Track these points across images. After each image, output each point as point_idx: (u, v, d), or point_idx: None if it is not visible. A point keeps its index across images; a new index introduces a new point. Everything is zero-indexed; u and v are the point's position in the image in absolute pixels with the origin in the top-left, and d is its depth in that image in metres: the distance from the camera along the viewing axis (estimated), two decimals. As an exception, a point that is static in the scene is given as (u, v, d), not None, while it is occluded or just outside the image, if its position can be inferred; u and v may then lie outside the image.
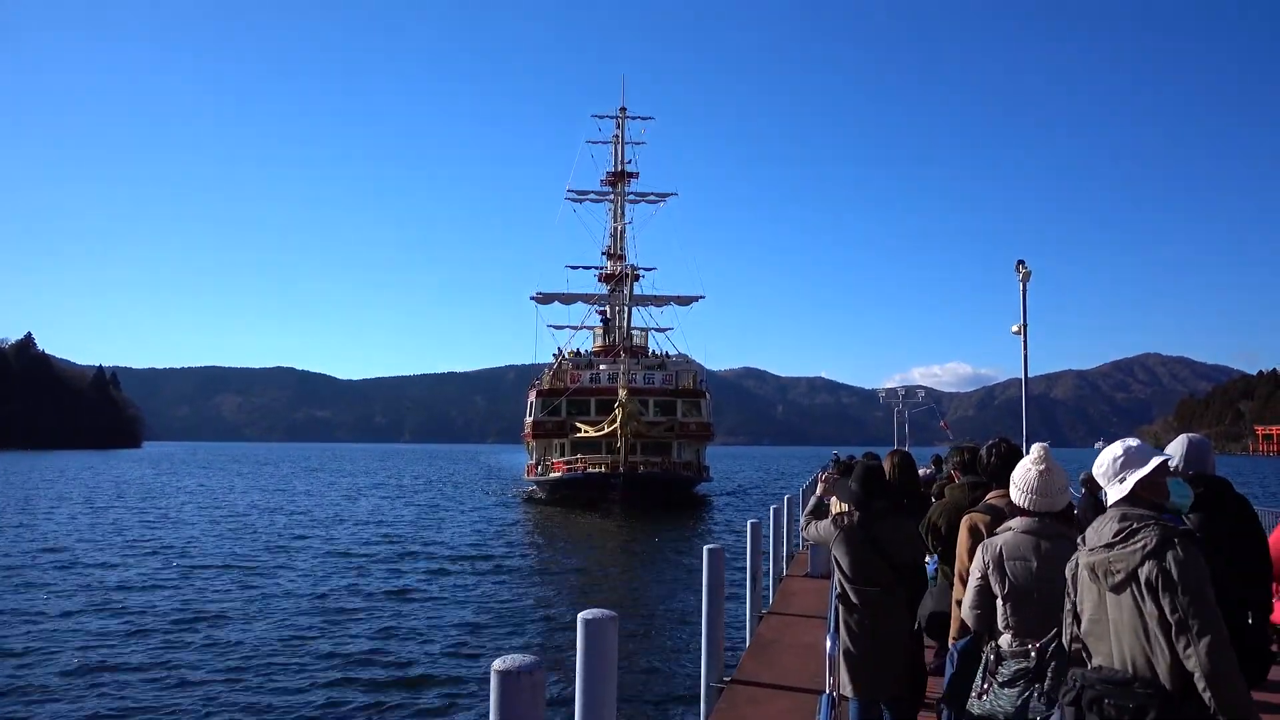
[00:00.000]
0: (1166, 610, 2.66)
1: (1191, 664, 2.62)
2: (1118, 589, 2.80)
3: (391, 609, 17.32)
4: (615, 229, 62.84)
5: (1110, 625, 2.84)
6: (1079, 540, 3.06)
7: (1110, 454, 3.05)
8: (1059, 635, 3.48)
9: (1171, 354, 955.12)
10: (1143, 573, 2.72)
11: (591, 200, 63.25)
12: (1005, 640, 3.67)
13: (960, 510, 5.14)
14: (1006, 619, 3.71)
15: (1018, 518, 3.83)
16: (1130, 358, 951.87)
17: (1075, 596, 3.00)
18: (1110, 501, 3.02)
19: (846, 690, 5.16)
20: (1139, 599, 2.73)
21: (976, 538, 4.69)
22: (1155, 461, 2.98)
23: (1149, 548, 2.73)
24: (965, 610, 3.97)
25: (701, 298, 58.49)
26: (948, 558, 5.37)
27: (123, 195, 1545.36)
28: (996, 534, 3.91)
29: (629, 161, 62.70)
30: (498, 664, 3.03)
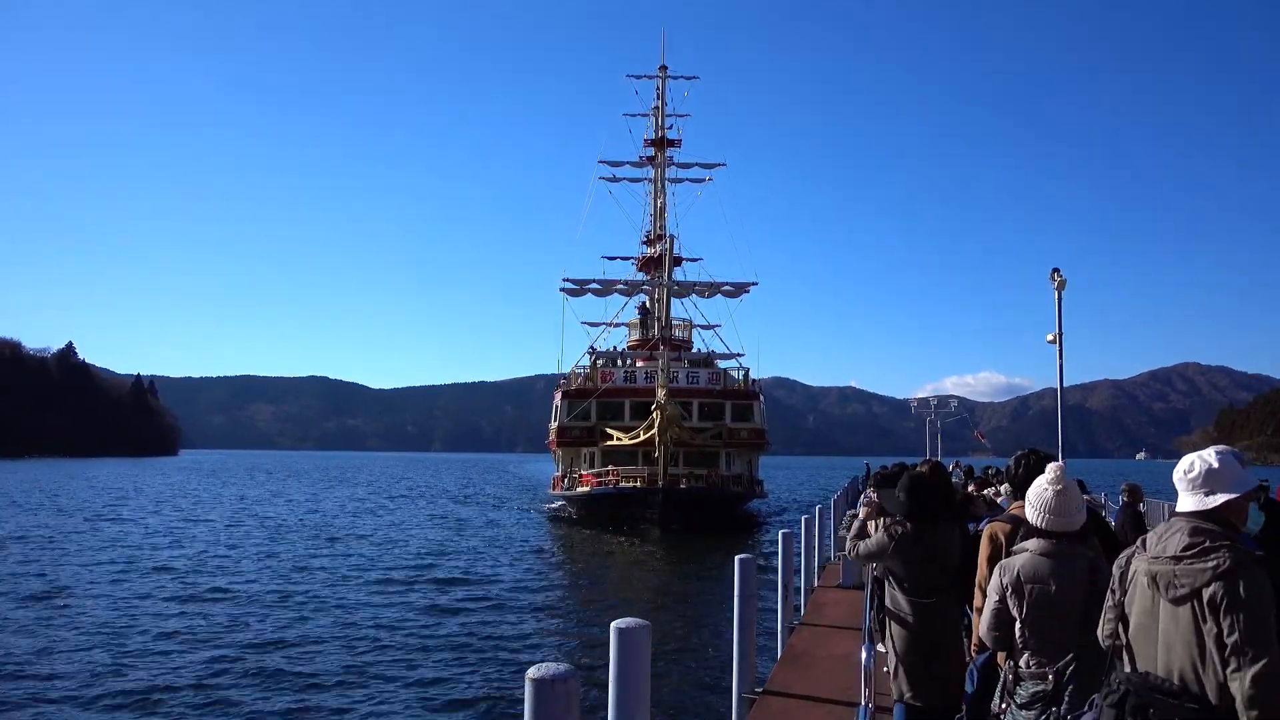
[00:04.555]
0: (1225, 631, 2.63)
1: (1235, 686, 2.60)
2: (1178, 602, 2.76)
3: (422, 621, 17.37)
4: (655, 207, 54.91)
5: (1160, 634, 2.81)
6: (1138, 543, 3.00)
7: (1204, 462, 2.89)
8: (1076, 659, 3.50)
9: (1211, 363, 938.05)
10: (1208, 592, 2.68)
11: (628, 178, 55.22)
12: (1024, 661, 3.67)
13: None
14: (1025, 640, 3.70)
15: (1034, 539, 3.80)
16: (1168, 367, 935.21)
17: (1122, 595, 2.95)
18: (1181, 508, 2.92)
19: (907, 697, 5.15)
20: (1199, 616, 2.70)
21: (996, 546, 4.68)
22: (1249, 488, 2.89)
23: (1220, 569, 2.68)
24: (983, 630, 3.97)
25: (755, 284, 49.62)
26: None
27: (161, 206, 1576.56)
28: (1014, 553, 3.89)
29: (669, 128, 54.42)
30: (532, 672, 3.04)
